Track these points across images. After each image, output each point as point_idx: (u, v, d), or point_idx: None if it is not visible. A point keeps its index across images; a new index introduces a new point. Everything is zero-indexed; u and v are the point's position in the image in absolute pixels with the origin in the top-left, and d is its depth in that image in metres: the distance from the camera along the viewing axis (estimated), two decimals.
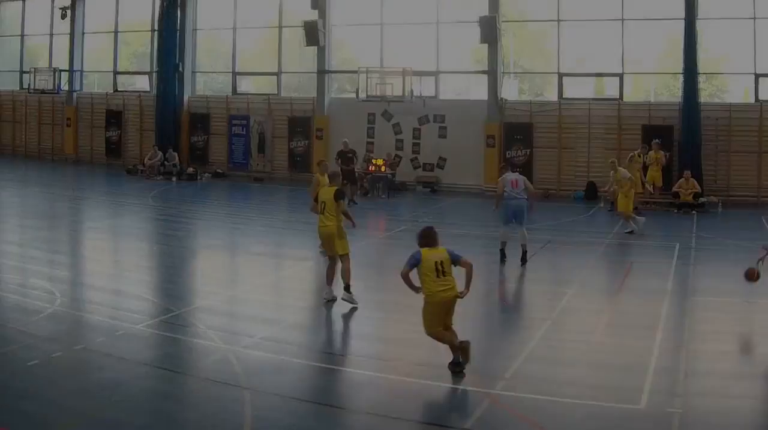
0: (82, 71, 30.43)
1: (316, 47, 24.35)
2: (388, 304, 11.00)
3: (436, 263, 7.50)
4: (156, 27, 27.68)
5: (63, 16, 29.87)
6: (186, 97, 27.41)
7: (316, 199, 10.87)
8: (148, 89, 28.51)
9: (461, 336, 7.71)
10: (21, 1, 32.18)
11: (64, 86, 30.00)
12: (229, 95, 26.83)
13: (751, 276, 9.82)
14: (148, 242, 15.80)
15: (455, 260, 7.62)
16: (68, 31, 30.17)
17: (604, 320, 10.19)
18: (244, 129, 26.23)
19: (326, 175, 11.84)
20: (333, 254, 10.44)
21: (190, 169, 26.20)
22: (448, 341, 7.58)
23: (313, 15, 24.22)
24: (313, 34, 24.01)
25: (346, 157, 20.44)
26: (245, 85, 27.17)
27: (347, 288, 10.26)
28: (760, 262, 9.93)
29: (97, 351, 8.51)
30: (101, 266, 13.75)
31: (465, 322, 9.01)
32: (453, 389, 7.50)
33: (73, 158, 30.25)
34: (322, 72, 24.74)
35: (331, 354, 8.80)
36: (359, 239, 15.00)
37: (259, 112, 26.00)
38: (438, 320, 7.52)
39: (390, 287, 11.42)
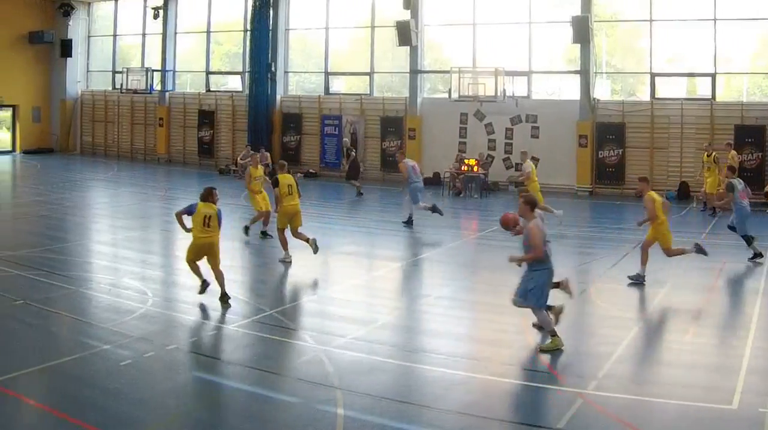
0: (174, 71, 36.04)
1: (408, 47, 28.70)
2: (480, 304, 13.14)
3: (204, 216, 11.85)
4: (248, 27, 32.76)
5: (155, 16, 35.61)
6: (278, 97, 32.41)
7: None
8: (240, 89, 33.71)
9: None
10: (114, 2, 38.29)
11: (157, 86, 35.75)
12: (321, 95, 31.67)
13: (507, 222, 10.68)
14: (240, 242, 18.27)
15: (220, 220, 12.07)
16: (161, 31, 35.97)
17: (696, 319, 11.77)
18: (337, 129, 30.94)
19: (260, 167, 18.25)
20: (295, 227, 15.32)
21: None
22: (196, 273, 12.07)
23: (405, 15, 28.63)
24: (405, 34, 28.38)
25: (348, 154, 26.89)
26: (337, 85, 31.95)
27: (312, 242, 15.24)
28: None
29: (189, 351, 10.12)
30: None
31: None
32: (545, 389, 8.84)
33: (165, 158, 35.82)
34: (414, 72, 29.17)
35: (422, 354, 10.21)
36: (452, 240, 18.63)
37: (351, 112, 30.66)
38: (194, 256, 12.04)
39: (482, 287, 14.33)
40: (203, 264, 12.33)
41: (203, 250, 12.15)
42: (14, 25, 37.58)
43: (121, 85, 36.39)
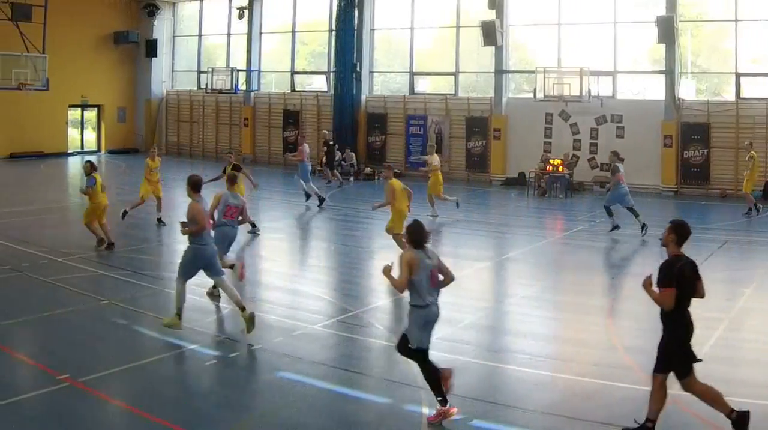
0: (259, 71, 41.20)
1: (493, 47, 32.78)
2: (564, 304, 14.69)
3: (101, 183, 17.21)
4: (333, 27, 37.53)
5: (240, 16, 40.73)
6: (363, 97, 37.08)
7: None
8: (325, 89, 38.53)
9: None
10: (199, 2, 43.72)
11: (242, 86, 40.84)
12: (406, 95, 36.19)
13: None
14: (325, 242, 20.93)
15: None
16: (246, 31, 41.16)
17: None
18: (422, 129, 35.29)
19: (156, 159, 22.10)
20: None
21: (368, 169, 35.47)
22: (98, 234, 17.44)
23: (490, 15, 32.76)
24: (490, 34, 32.48)
25: (329, 145, 33.05)
26: (422, 85, 36.32)
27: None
28: None
29: (274, 351, 11.28)
30: (278, 265, 18.22)
31: (641, 322, 12.51)
32: (629, 389, 9.78)
33: (250, 158, 40.73)
34: (499, 72, 33.30)
35: (507, 354, 11.60)
36: (537, 240, 21.03)
37: (436, 112, 34.98)
38: (93, 218, 17.32)
39: (567, 287, 16.14)
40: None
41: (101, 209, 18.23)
42: (99, 25, 43.42)
43: (206, 85, 41.78)
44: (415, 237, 8.93)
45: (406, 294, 8.97)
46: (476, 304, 14.45)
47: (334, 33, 37.54)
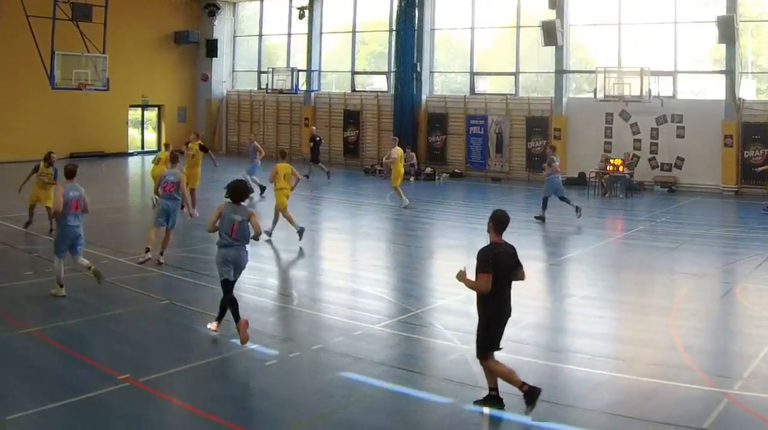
0: (319, 71, 43.78)
1: (554, 47, 34.80)
2: (624, 304, 15.37)
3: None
4: (394, 27, 39.89)
5: (301, 16, 43.31)
6: (424, 97, 39.39)
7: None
8: (385, 89, 40.92)
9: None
10: (259, 2, 46.46)
11: (302, 86, 43.38)
12: (466, 95, 38.42)
13: None
14: (386, 242, 21.85)
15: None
16: (306, 31, 43.76)
17: None
18: (482, 129, 37.47)
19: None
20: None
21: (428, 169, 37.71)
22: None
23: (551, 15, 34.77)
24: (551, 34, 34.49)
25: (315, 141, 35.92)
26: (483, 85, 38.50)
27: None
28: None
29: (335, 351, 11.81)
30: (339, 265, 19.12)
31: (702, 322, 13.61)
32: (689, 389, 10.21)
33: (310, 158, 43.08)
34: (559, 72, 35.34)
35: (567, 354, 12.08)
36: (597, 240, 22.16)
37: (496, 112, 37.14)
38: None
39: (627, 287, 16.82)
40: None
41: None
42: (160, 25, 46.25)
43: (267, 85, 44.44)
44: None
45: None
46: (537, 304, 15.06)
47: (394, 33, 39.86)
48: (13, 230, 21.49)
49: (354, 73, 42.71)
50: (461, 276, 9.77)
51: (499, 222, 9.94)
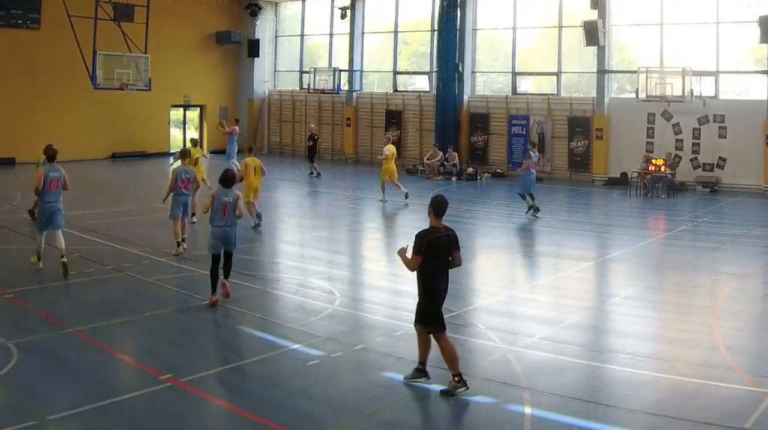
0: (361, 71, 45.53)
1: (595, 47, 36.14)
2: (667, 304, 15.93)
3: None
4: (436, 27, 41.42)
5: (343, 16, 45.03)
6: (465, 97, 40.93)
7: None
8: (427, 89, 42.47)
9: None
10: (301, 1, 48.31)
11: (344, 86, 45.10)
12: (508, 95, 39.89)
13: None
14: None
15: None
16: (348, 31, 45.47)
17: None
18: (524, 129, 38.91)
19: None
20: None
21: (470, 169, 39.18)
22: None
23: (593, 15, 36.07)
24: (593, 34, 35.78)
25: (314, 139, 38.66)
26: (525, 85, 39.95)
27: None
28: None
29: (377, 351, 12.24)
30: (380, 265, 19.84)
31: (744, 322, 13.99)
32: (731, 389, 10.54)
33: (352, 158, 44.97)
34: (601, 72, 36.68)
35: (609, 354, 12.44)
36: (639, 239, 22.80)
37: (538, 112, 38.59)
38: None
39: (669, 287, 17.47)
40: None
41: None
42: (201, 25, 48.13)
43: (309, 85, 46.18)
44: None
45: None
46: (579, 304, 15.74)
47: (436, 33, 41.38)
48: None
49: (396, 73, 44.29)
50: (401, 253, 10.78)
51: (438, 207, 10.88)
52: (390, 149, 30.05)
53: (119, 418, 9.80)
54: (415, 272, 10.84)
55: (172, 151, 45.99)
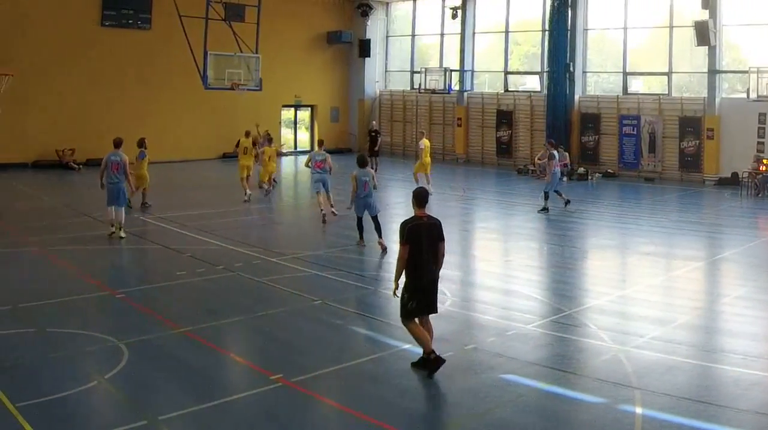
0: (472, 71, 49.50)
1: (706, 47, 39.26)
2: None
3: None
4: (547, 27, 45.03)
5: (453, 17, 48.88)
6: (576, 97, 44.45)
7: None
8: (538, 89, 46.18)
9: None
10: (412, 2, 52.48)
11: (455, 86, 48.99)
12: (619, 95, 43.28)
13: None
14: (538, 242, 24.09)
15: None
16: (459, 31, 49.32)
17: None
18: (635, 129, 42.28)
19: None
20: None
21: (581, 169, 42.63)
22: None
23: (704, 15, 39.04)
24: (704, 33, 38.76)
25: (371, 135, 42.37)
26: (635, 85, 43.36)
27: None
28: None
29: (488, 351, 12.94)
30: (491, 265, 20.86)
31: None
32: None
33: (463, 158, 48.93)
34: (712, 72, 39.74)
35: (720, 354, 12.98)
36: (750, 239, 24.08)
37: (649, 112, 41.90)
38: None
39: None
40: None
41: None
42: (313, 25, 52.54)
43: (419, 85, 50.19)
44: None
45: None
46: (689, 304, 16.55)
47: (547, 33, 44.98)
48: (168, 229, 24.29)
49: (507, 73, 48.12)
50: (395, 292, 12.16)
51: (418, 197, 12.21)
52: (425, 143, 34.03)
53: (230, 418, 10.33)
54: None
55: (283, 150, 50.09)
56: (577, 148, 44.23)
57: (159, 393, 11.25)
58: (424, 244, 11.78)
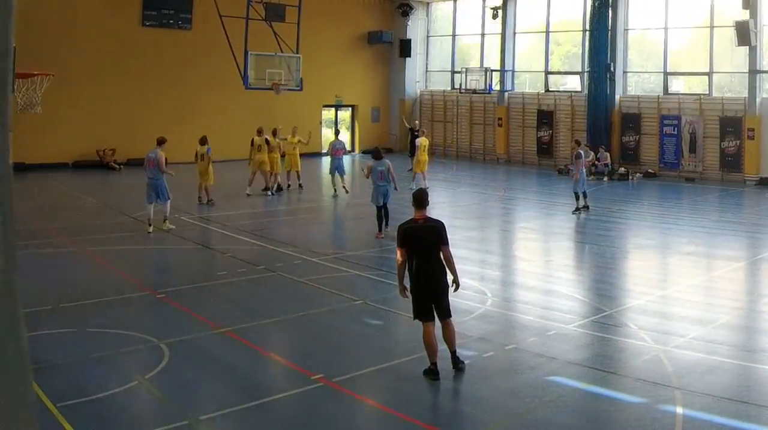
0: (513, 71, 50.89)
1: (747, 47, 40.36)
2: None
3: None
4: (587, 27, 46.31)
5: (494, 16, 50.28)
6: (617, 97, 45.72)
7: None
8: (579, 89, 47.51)
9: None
10: (452, 2, 53.96)
11: (495, 86, 50.43)
12: (660, 95, 44.51)
13: None
14: (579, 242, 24.77)
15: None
16: (499, 31, 50.76)
17: None
18: (675, 129, 43.48)
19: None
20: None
21: (622, 169, 43.83)
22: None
23: (744, 15, 40.14)
24: (744, 34, 39.84)
25: (412, 134, 42.30)
26: (676, 85, 44.56)
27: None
28: None
29: (528, 351, 13.26)
30: (532, 265, 21.31)
31: None
32: None
33: (504, 158, 50.35)
34: (753, 72, 40.81)
35: (762, 354, 13.30)
36: None
37: (690, 112, 43.08)
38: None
39: None
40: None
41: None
42: (354, 25, 54.07)
43: (460, 85, 51.65)
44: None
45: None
46: (730, 304, 16.77)
47: (587, 33, 46.23)
48: (209, 230, 25.27)
49: (548, 73, 49.50)
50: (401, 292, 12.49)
51: (416, 199, 12.43)
52: (422, 141, 35.67)
53: (270, 418, 10.71)
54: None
55: (323, 151, 51.18)
56: (618, 148, 45.37)
57: (200, 393, 11.51)
58: (419, 246, 11.90)
